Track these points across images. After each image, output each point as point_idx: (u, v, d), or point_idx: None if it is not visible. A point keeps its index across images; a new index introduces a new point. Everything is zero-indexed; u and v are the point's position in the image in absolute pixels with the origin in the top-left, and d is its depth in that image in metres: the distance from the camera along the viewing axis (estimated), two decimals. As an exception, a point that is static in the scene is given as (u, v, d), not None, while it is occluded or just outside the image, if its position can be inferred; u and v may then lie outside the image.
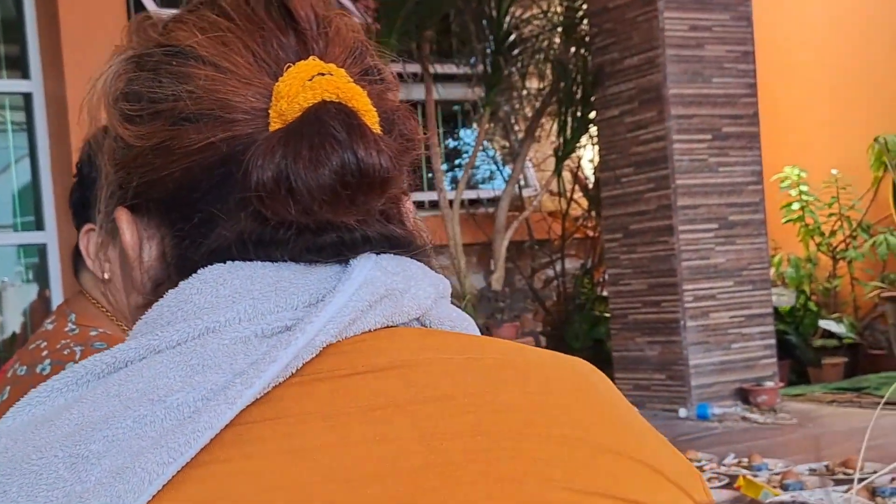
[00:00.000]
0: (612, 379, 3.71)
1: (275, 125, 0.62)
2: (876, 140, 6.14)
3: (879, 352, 6.01)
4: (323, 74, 0.62)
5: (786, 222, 6.45)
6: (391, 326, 0.62)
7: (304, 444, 0.55)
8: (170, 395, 0.56)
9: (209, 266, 0.63)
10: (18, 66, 5.18)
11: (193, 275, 0.63)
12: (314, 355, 0.58)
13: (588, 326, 5.57)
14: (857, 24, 6.44)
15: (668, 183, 4.72)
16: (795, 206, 6.42)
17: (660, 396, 4.78)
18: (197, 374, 0.57)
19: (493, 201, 5.83)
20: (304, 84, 0.61)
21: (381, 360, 0.60)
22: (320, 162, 0.59)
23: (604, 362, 5.33)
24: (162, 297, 0.63)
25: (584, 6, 5.24)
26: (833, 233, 6.39)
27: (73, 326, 1.48)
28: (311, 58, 0.63)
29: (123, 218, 0.68)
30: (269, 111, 0.62)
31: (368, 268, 0.61)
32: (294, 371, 0.58)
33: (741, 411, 4.56)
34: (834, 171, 6.37)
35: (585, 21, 5.24)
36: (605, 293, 5.50)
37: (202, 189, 0.64)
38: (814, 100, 6.69)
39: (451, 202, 5.31)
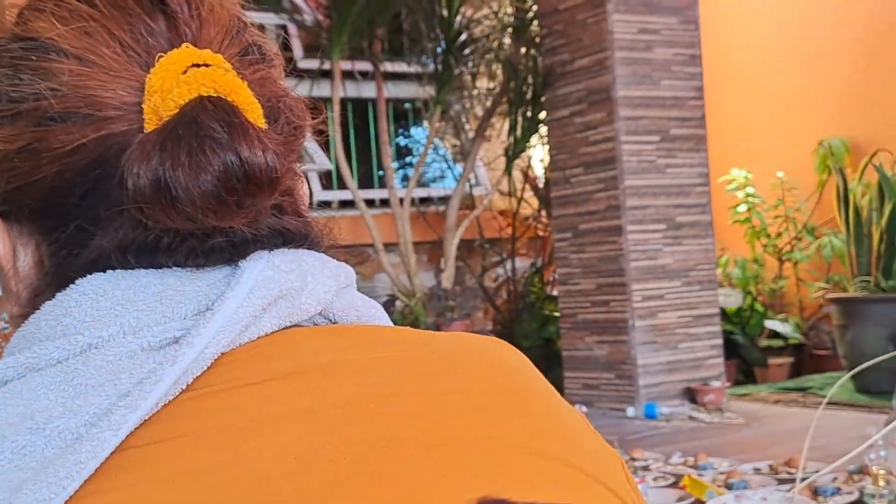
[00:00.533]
0: (562, 378, 3.72)
1: (150, 122, 0.57)
2: (820, 144, 6.24)
3: (824, 352, 6.11)
4: (198, 66, 0.57)
5: (733, 224, 6.52)
6: (291, 327, 0.58)
7: (197, 465, 0.51)
8: (50, 423, 0.52)
9: (88, 276, 0.58)
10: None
11: (72, 286, 0.58)
12: (205, 369, 0.55)
13: (538, 325, 5.60)
14: (802, 30, 6.54)
15: (616, 183, 4.76)
16: (742, 207, 6.49)
17: (608, 396, 4.81)
18: (79, 397, 0.53)
19: (444, 200, 5.83)
20: (178, 78, 0.57)
21: (278, 366, 0.56)
22: (201, 167, 0.54)
23: (553, 361, 5.36)
24: (39, 304, 0.59)
25: (535, 7, 5.26)
26: (779, 234, 6.48)
27: None
28: (183, 45, 0.58)
29: None
30: (143, 106, 0.58)
31: (260, 268, 0.58)
32: (184, 387, 0.54)
33: (688, 411, 4.60)
34: (780, 174, 6.45)
35: (536, 22, 5.26)
36: (554, 292, 5.53)
37: (76, 194, 0.59)
38: (760, 104, 6.78)
39: (401, 200, 5.30)
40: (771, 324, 6.11)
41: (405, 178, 6.27)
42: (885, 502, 2.48)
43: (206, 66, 0.57)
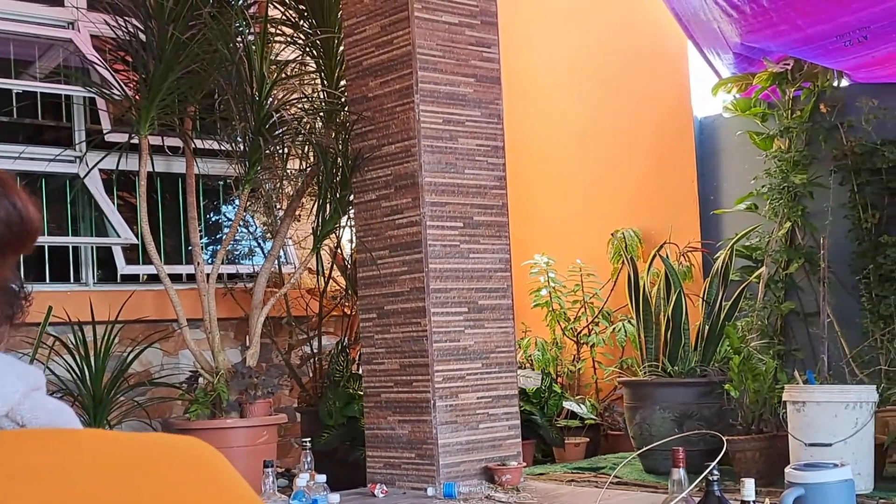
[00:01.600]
0: (365, 457, 3.77)
1: None
2: (613, 234, 6.59)
3: (617, 432, 6.36)
4: None
5: (535, 307, 6.76)
6: None
7: None
8: None
9: None
10: None
11: None
12: None
13: (342, 404, 5.63)
14: (599, 130, 6.97)
15: (421, 266, 4.88)
16: (543, 291, 6.75)
17: (410, 475, 4.88)
18: None
19: (253, 277, 5.83)
20: None
21: None
22: None
23: (357, 440, 5.39)
24: None
25: (346, 93, 5.39)
26: (577, 318, 6.75)
27: None
28: None
29: None
30: None
31: None
32: None
33: (486, 490, 4.71)
34: (578, 261, 6.75)
35: (346, 108, 5.39)
36: (359, 371, 5.58)
37: None
38: (561, 194, 7.13)
39: (208, 276, 5.28)
40: (569, 404, 6.33)
41: (214, 254, 6.24)
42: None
43: None
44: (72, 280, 5.90)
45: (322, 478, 3.98)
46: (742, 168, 6.24)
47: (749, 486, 2.59)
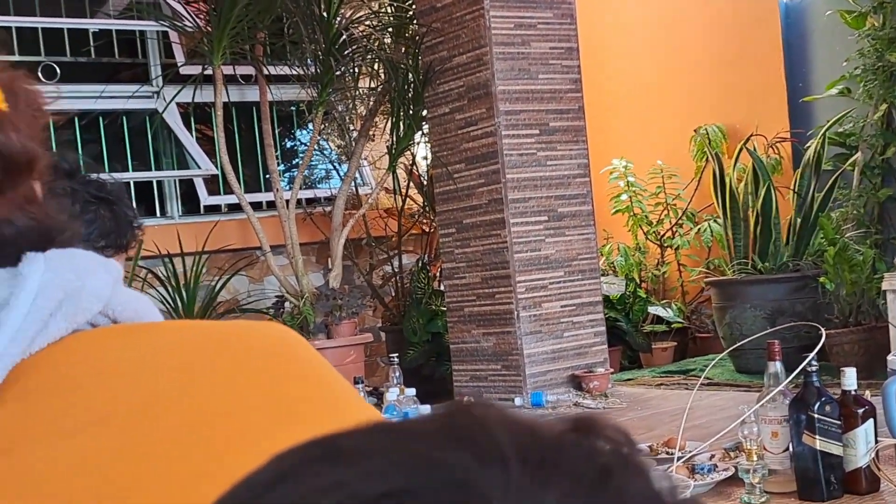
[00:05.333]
0: (451, 372, 3.78)
1: None
2: (697, 131, 6.41)
3: (706, 335, 6.29)
4: None
5: (615, 213, 6.67)
6: (75, 332, 0.56)
7: None
8: None
9: None
10: None
11: None
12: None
13: (425, 320, 5.64)
14: (676, 21, 6.72)
15: (498, 177, 4.83)
16: (624, 196, 6.64)
17: (497, 386, 4.88)
18: None
19: (331, 200, 5.84)
20: None
21: (71, 373, 0.53)
22: None
23: (442, 355, 5.42)
24: None
25: (413, 6, 5.30)
26: (660, 221, 6.64)
27: None
28: None
29: None
30: None
31: (40, 271, 0.54)
32: None
33: (574, 398, 4.70)
34: (659, 162, 6.62)
35: (415, 21, 5.31)
36: (441, 287, 5.58)
37: None
38: (638, 94, 6.95)
39: (287, 202, 5.29)
40: (654, 309, 6.26)
41: (292, 181, 6.26)
42: (758, 477, 2.57)
43: None
44: (158, 214, 6.00)
45: (411, 391, 3.99)
46: (832, 51, 5.95)
47: (850, 375, 2.50)
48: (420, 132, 5.58)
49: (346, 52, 5.40)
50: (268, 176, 5.69)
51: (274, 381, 0.56)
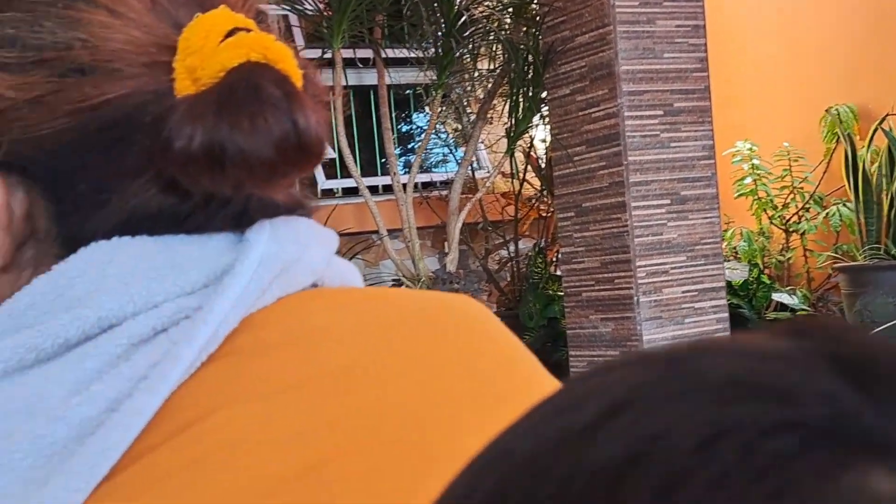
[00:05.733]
0: (567, 357, 3.71)
1: (183, 83, 0.54)
2: (827, 111, 6.17)
3: (834, 323, 6.07)
4: (240, 30, 0.55)
5: (738, 197, 6.48)
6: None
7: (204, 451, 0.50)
8: (69, 410, 0.50)
9: (93, 245, 0.55)
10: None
11: (73, 255, 0.54)
12: (215, 349, 0.54)
13: (542, 305, 5.58)
14: (804, -2, 6.49)
15: (620, 160, 4.72)
16: (748, 180, 6.45)
17: (617, 373, 4.79)
18: (94, 382, 0.51)
19: (447, 184, 5.81)
20: (226, 41, 0.54)
21: (275, 337, 0.56)
22: (261, 133, 0.53)
23: (558, 340, 5.35)
24: (20, 259, 0.56)
25: (533, -15, 5.23)
26: (786, 206, 6.43)
27: None
28: (222, 7, 0.56)
29: None
30: (174, 66, 0.54)
31: (265, 240, 0.56)
32: (199, 365, 0.53)
33: (697, 385, 4.58)
34: (786, 144, 6.41)
35: (536, 0, 5.23)
36: (558, 272, 5.50)
37: (87, 153, 0.55)
38: (764, 73, 6.73)
39: (404, 186, 5.28)
40: (778, 296, 6.07)
41: (408, 165, 6.25)
42: None
43: (248, 30, 0.55)
44: (276, 197, 6.05)
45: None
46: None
47: None
48: (539, 114, 5.50)
49: (465, 34, 5.35)
50: (384, 160, 5.69)
51: (473, 361, 0.58)
